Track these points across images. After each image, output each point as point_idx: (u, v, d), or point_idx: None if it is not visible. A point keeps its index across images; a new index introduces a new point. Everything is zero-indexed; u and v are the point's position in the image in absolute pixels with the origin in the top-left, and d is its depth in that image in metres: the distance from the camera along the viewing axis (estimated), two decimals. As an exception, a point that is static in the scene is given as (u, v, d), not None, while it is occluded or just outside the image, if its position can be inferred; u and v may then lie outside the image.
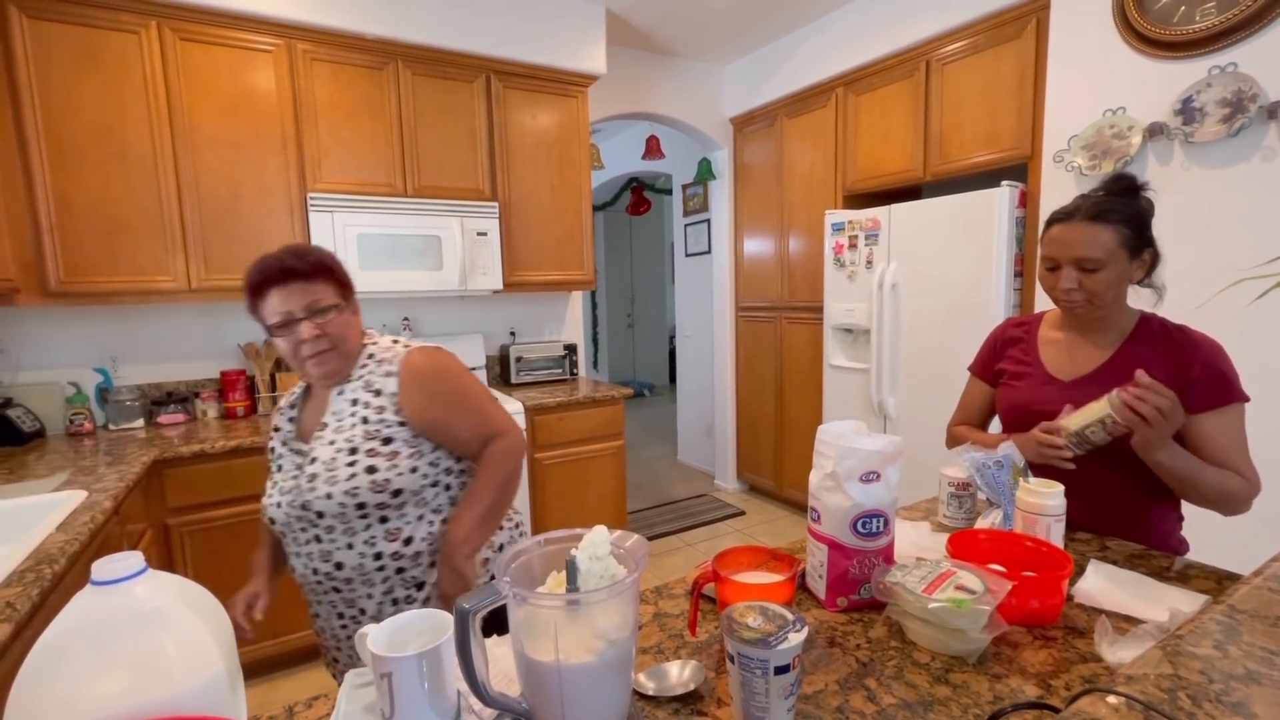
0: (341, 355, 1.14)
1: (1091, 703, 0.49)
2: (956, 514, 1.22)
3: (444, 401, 1.16)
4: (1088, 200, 1.13)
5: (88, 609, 0.59)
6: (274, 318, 1.08)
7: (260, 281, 1.09)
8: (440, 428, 1.15)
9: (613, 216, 7.19)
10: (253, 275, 1.10)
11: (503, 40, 2.68)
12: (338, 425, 1.13)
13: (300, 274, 1.09)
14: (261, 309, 1.10)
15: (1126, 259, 1.10)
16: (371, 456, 1.09)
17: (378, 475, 1.08)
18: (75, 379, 2.29)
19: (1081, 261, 1.11)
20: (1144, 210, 1.12)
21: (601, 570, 0.62)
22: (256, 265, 1.10)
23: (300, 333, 1.08)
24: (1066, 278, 1.13)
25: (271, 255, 1.11)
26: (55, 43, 1.97)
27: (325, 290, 1.12)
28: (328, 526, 1.09)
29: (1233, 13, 1.82)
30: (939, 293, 2.63)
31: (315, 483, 1.08)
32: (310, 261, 1.11)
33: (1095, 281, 1.10)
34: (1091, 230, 1.09)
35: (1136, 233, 1.10)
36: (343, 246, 2.38)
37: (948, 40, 2.66)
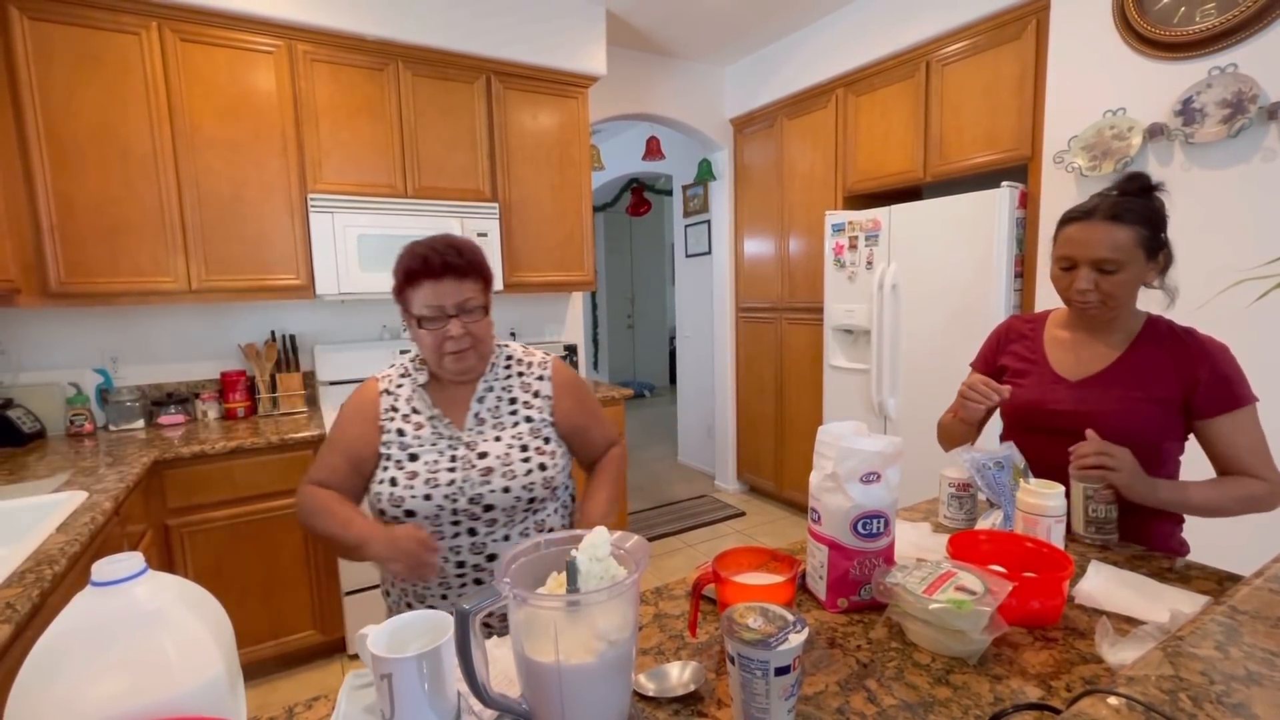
0: (479, 355, 1.16)
1: (1092, 704, 0.48)
2: (957, 515, 1.22)
3: (586, 409, 1.28)
4: (1106, 199, 1.11)
5: (88, 610, 0.59)
6: (423, 310, 1.08)
7: (416, 271, 1.08)
8: (581, 432, 1.26)
9: (613, 217, 7.19)
10: (409, 263, 1.09)
11: (503, 41, 2.68)
12: (497, 422, 1.18)
13: (457, 270, 1.09)
14: (410, 297, 1.10)
15: (1144, 260, 1.09)
16: (539, 454, 1.17)
17: (546, 472, 1.16)
18: (75, 380, 2.29)
19: (1101, 263, 1.09)
20: (1161, 210, 1.11)
21: (602, 571, 0.62)
22: (412, 253, 1.09)
23: (450, 329, 1.09)
24: (1083, 278, 1.11)
25: (428, 245, 1.09)
26: (56, 44, 1.97)
27: (476, 289, 1.12)
28: (490, 520, 1.13)
29: (1233, 14, 1.82)
30: (939, 294, 2.63)
31: (491, 477, 1.12)
32: (468, 259, 1.11)
33: (1112, 283, 1.09)
34: (1111, 230, 1.07)
35: (1154, 233, 1.09)
36: (343, 247, 2.38)
37: (948, 41, 2.66)
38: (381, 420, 1.17)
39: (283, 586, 2.18)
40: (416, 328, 1.11)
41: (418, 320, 1.10)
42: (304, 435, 2.16)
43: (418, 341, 1.13)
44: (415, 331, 1.12)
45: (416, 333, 1.11)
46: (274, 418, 2.46)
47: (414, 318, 1.10)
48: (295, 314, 2.69)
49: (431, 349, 1.12)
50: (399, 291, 1.12)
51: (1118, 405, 1.13)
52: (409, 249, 1.11)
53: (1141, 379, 1.13)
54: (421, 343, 1.12)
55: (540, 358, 1.27)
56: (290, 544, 2.17)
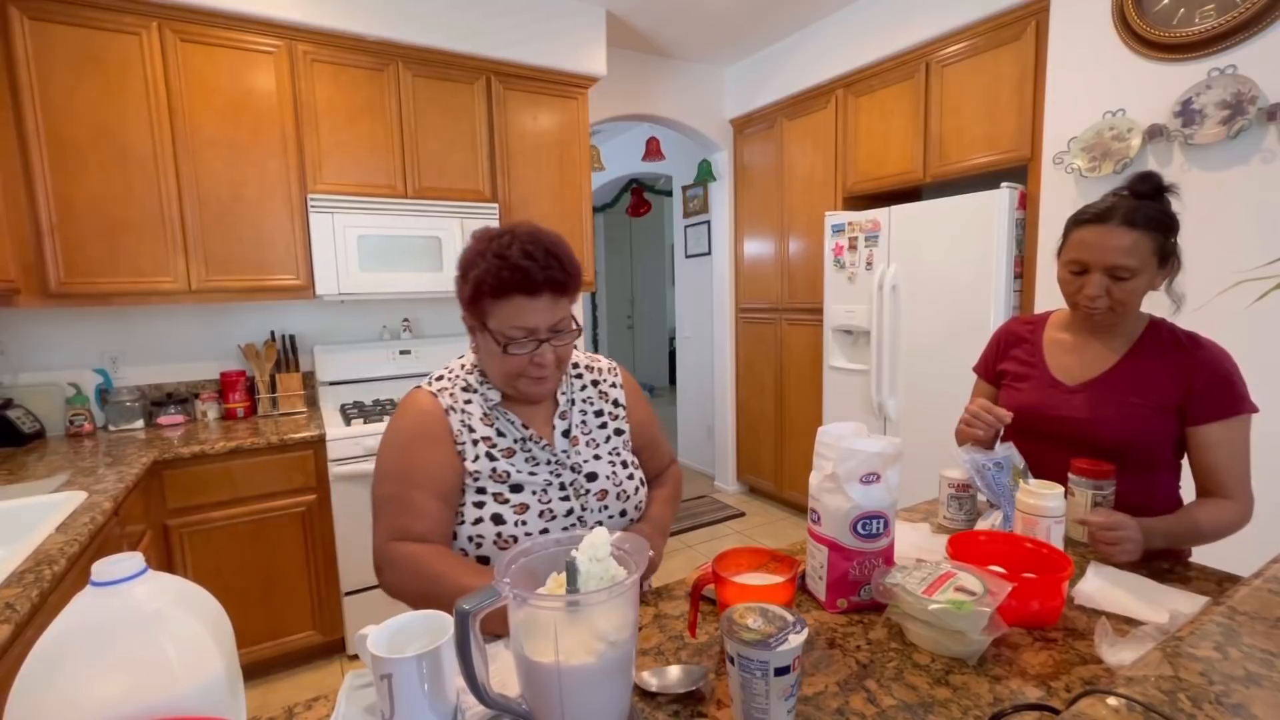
0: (559, 377, 1.00)
1: (1092, 704, 0.49)
2: (956, 515, 1.22)
3: (653, 420, 1.17)
4: (1122, 202, 1.07)
5: (87, 610, 0.59)
6: (511, 330, 0.90)
7: (509, 283, 0.87)
8: (650, 443, 1.15)
9: (613, 218, 7.19)
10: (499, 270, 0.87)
11: (503, 42, 2.68)
12: (590, 439, 1.04)
13: (559, 287, 0.90)
14: (489, 309, 0.90)
15: (1156, 267, 1.07)
16: (638, 469, 1.08)
17: (644, 489, 1.06)
18: (75, 380, 2.29)
19: (1115, 269, 1.05)
20: (1174, 215, 1.09)
21: (601, 572, 0.62)
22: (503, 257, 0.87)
23: (542, 356, 0.92)
24: (1095, 284, 1.07)
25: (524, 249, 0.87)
26: (56, 44, 1.97)
27: (569, 305, 0.94)
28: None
29: (1232, 15, 1.82)
30: (939, 294, 2.63)
31: (607, 500, 1.00)
32: (570, 270, 0.92)
33: (1124, 290, 1.06)
34: (1129, 236, 1.03)
35: (1168, 239, 1.07)
36: (343, 247, 2.38)
37: (947, 42, 2.66)
38: (458, 444, 0.96)
39: (282, 587, 2.17)
40: (495, 347, 0.91)
41: (498, 339, 0.91)
42: (304, 435, 2.16)
43: (490, 360, 0.95)
44: (489, 348, 0.93)
45: (492, 351, 0.93)
46: (274, 418, 2.46)
47: (491, 334, 0.91)
48: (295, 314, 2.69)
49: (512, 373, 0.94)
50: (475, 304, 0.90)
51: (1115, 411, 1.12)
52: (493, 248, 0.88)
53: (1140, 384, 1.11)
54: (499, 364, 0.94)
55: (607, 363, 1.14)
56: (290, 544, 2.17)
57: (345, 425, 2.26)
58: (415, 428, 0.96)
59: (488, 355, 0.96)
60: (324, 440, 2.18)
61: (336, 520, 2.21)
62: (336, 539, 2.22)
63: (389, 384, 2.77)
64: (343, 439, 2.20)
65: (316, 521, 2.20)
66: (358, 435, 2.22)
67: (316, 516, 2.20)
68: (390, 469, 0.95)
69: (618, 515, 1.02)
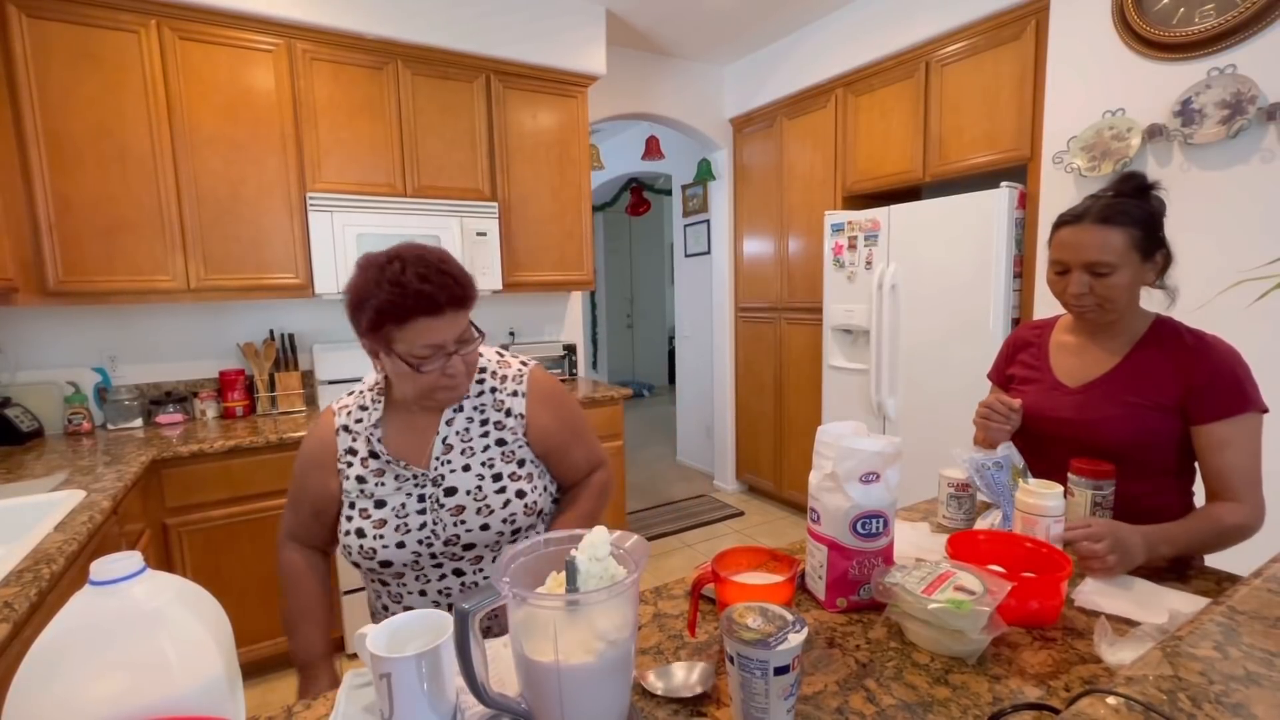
0: (470, 382, 1.04)
1: (1091, 704, 0.49)
2: (956, 515, 1.22)
3: (568, 425, 1.13)
4: (1098, 201, 1.09)
5: (86, 609, 0.59)
6: (421, 350, 0.92)
7: (410, 308, 0.90)
8: (558, 452, 1.12)
9: (612, 217, 7.19)
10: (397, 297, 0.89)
11: (503, 40, 2.68)
12: (466, 447, 1.05)
13: (458, 301, 0.94)
14: (394, 335, 0.92)
15: (1138, 262, 1.07)
16: (515, 480, 1.05)
17: (527, 498, 1.05)
18: (74, 378, 2.29)
19: (1092, 266, 1.07)
20: (1155, 210, 1.09)
21: (601, 571, 0.62)
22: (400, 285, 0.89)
23: (453, 367, 0.96)
24: (1076, 282, 1.09)
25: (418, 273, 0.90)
26: (54, 42, 1.96)
27: (468, 315, 0.98)
28: (476, 557, 1.04)
29: (1231, 14, 1.82)
30: (938, 294, 2.63)
31: (464, 515, 1.01)
32: (464, 284, 0.95)
33: (1106, 286, 1.07)
34: (1102, 233, 1.05)
35: (1148, 234, 1.06)
36: (342, 246, 2.38)
37: (947, 41, 2.66)
38: (340, 464, 1.05)
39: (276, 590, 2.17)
40: (407, 368, 0.94)
41: (409, 361, 0.93)
42: (302, 434, 2.15)
43: (402, 380, 0.98)
44: (399, 370, 0.95)
45: (403, 373, 0.95)
46: (272, 417, 2.45)
47: (400, 357, 0.93)
48: (294, 313, 2.68)
49: (426, 389, 0.97)
50: (374, 328, 0.91)
51: (1116, 411, 1.11)
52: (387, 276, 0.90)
53: (1142, 384, 1.10)
54: (411, 383, 0.97)
55: (516, 369, 1.12)
56: (289, 543, 2.16)
57: (344, 424, 2.26)
58: (311, 450, 1.08)
59: (398, 377, 0.98)
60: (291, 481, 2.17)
61: (336, 519, 2.21)
62: (335, 538, 2.22)
63: (388, 383, 2.76)
64: (342, 438, 2.19)
65: (315, 520, 2.20)
66: (357, 434, 2.22)
67: (315, 515, 2.20)
68: (293, 475, 1.11)
69: (478, 528, 1.02)
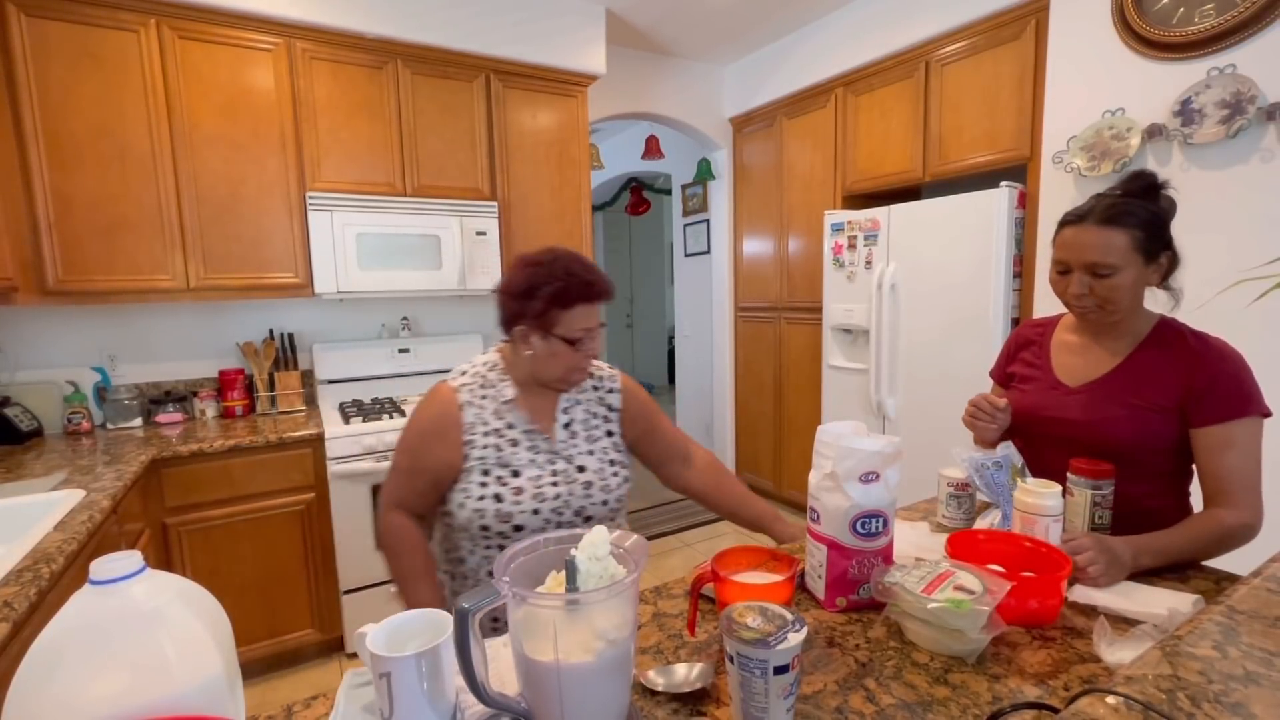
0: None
1: (1091, 703, 0.49)
2: (955, 514, 1.22)
3: (651, 410, 1.33)
4: (1102, 201, 1.08)
5: (86, 609, 0.59)
6: (576, 332, 1.10)
7: (576, 295, 1.09)
8: (651, 435, 1.32)
9: (612, 216, 7.18)
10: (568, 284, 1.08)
11: (503, 40, 2.68)
12: (587, 434, 1.22)
13: (607, 293, 1.13)
14: (558, 318, 1.09)
15: (1141, 263, 1.06)
16: (623, 469, 1.23)
17: (627, 485, 1.23)
18: (73, 378, 2.28)
19: (1094, 266, 1.06)
20: (1162, 211, 1.07)
21: (601, 570, 0.62)
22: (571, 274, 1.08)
23: (594, 349, 1.14)
24: (1077, 283, 1.08)
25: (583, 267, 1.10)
26: (54, 41, 1.96)
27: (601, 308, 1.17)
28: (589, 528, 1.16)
29: (1231, 14, 1.82)
30: (938, 293, 2.63)
31: (591, 490, 1.16)
32: (609, 280, 1.16)
33: (1107, 287, 1.06)
34: (1104, 234, 1.05)
35: (1152, 235, 1.05)
36: (342, 246, 2.38)
37: (947, 41, 2.66)
38: (466, 436, 1.15)
39: (281, 585, 2.17)
40: (564, 347, 1.10)
41: (567, 340, 1.10)
42: (302, 434, 2.16)
43: (551, 360, 1.12)
44: (553, 349, 1.11)
45: (556, 352, 1.11)
46: (272, 416, 2.45)
47: (558, 337, 1.10)
48: (294, 312, 2.68)
49: (569, 367, 1.13)
50: (544, 314, 1.09)
51: (1115, 412, 1.11)
52: (557, 269, 1.09)
53: (1142, 385, 1.10)
54: (559, 362, 1.12)
55: (609, 372, 1.30)
56: (288, 542, 2.16)
57: (344, 424, 2.26)
58: (433, 422, 1.15)
59: (549, 356, 1.13)
60: (322, 439, 2.18)
61: (335, 519, 2.21)
62: (335, 537, 2.22)
63: (388, 382, 2.77)
64: (341, 437, 2.20)
65: (315, 520, 2.20)
66: (356, 434, 2.22)
67: (315, 515, 2.20)
68: (407, 447, 1.17)
69: (599, 503, 1.18)
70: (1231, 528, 1.01)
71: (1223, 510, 1.02)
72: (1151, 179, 1.09)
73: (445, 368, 2.88)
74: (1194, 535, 1.01)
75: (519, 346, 1.15)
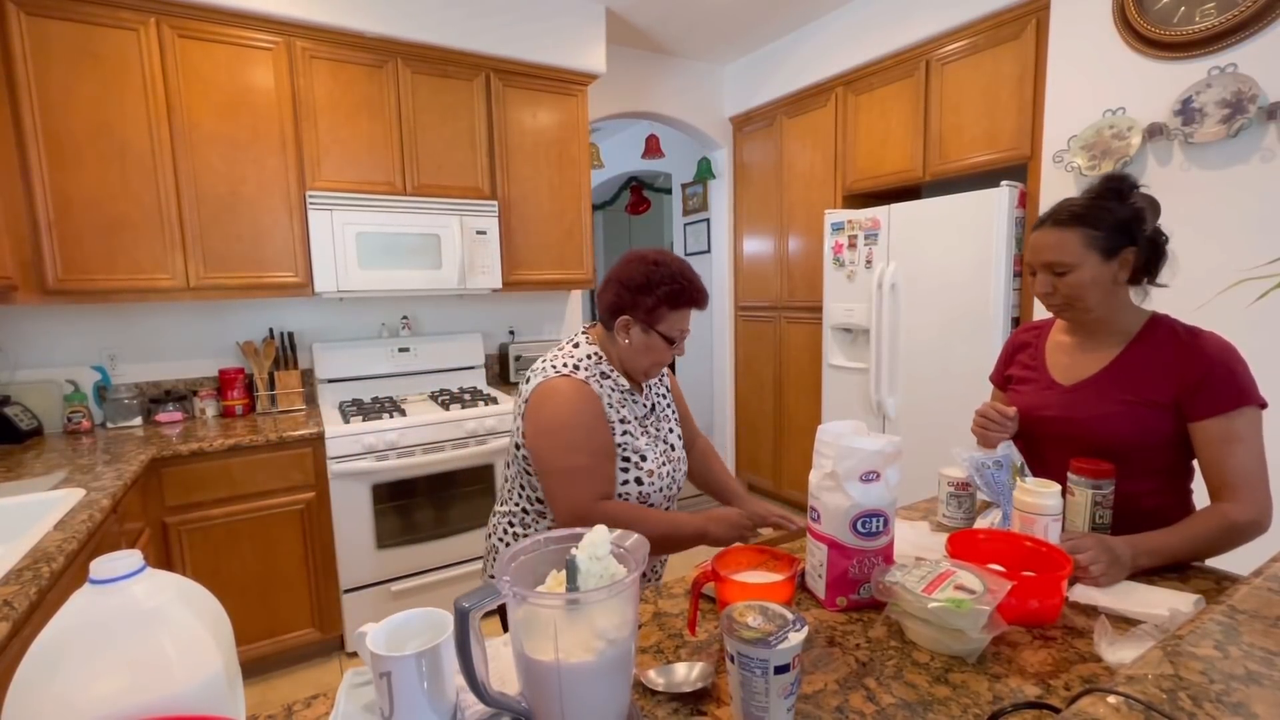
0: None
1: (1092, 703, 0.49)
2: (956, 514, 1.22)
3: (683, 404, 1.47)
4: (1063, 204, 1.14)
5: (86, 608, 0.59)
6: (675, 332, 1.20)
7: (688, 300, 1.19)
8: (686, 419, 1.45)
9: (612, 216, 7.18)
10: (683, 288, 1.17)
11: (503, 39, 2.68)
12: (665, 416, 1.34)
13: (706, 301, 1.23)
14: (665, 316, 1.18)
15: (1098, 260, 1.09)
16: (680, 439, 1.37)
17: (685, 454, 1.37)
18: (73, 377, 2.28)
19: (1052, 266, 1.12)
20: (1125, 211, 1.09)
21: (601, 570, 0.62)
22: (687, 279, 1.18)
23: (681, 350, 1.24)
24: (1040, 283, 1.16)
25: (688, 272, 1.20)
26: (54, 40, 1.96)
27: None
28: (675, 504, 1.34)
29: (1232, 14, 1.82)
30: (938, 293, 2.63)
31: (679, 467, 1.31)
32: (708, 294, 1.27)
33: (1067, 284, 1.11)
34: (1058, 234, 1.11)
35: (1108, 233, 1.08)
36: (342, 245, 2.38)
37: (947, 40, 2.66)
38: (609, 422, 1.20)
39: (281, 584, 2.17)
40: (663, 343, 1.20)
41: (666, 338, 1.19)
42: (302, 433, 2.15)
43: (646, 352, 1.21)
44: (651, 344, 1.20)
45: (654, 346, 1.20)
46: (272, 415, 2.45)
47: (660, 334, 1.19)
48: (294, 311, 2.68)
49: (657, 362, 1.23)
50: (654, 309, 1.17)
51: (1109, 409, 1.11)
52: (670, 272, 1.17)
53: (1133, 381, 1.11)
54: (652, 357, 1.21)
55: None
56: (288, 542, 2.17)
57: (344, 423, 2.26)
58: (589, 412, 1.18)
59: (644, 349, 1.21)
60: (323, 438, 2.18)
61: (335, 518, 2.21)
62: (335, 537, 2.22)
63: (388, 381, 2.77)
64: (341, 436, 2.20)
65: (315, 519, 2.20)
66: (356, 433, 2.22)
67: (315, 514, 2.20)
68: (581, 443, 1.16)
69: (682, 479, 1.31)
70: (1238, 523, 1.00)
71: (1228, 505, 1.02)
72: (1118, 183, 1.12)
73: (445, 367, 2.89)
74: (1197, 533, 1.01)
75: (616, 336, 1.22)
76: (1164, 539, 1.00)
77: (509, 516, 1.28)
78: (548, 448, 1.15)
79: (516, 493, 1.27)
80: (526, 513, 1.26)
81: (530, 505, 1.25)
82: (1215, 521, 1.01)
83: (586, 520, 1.11)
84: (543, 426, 1.16)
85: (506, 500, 1.30)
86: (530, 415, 1.18)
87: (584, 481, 1.15)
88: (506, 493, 1.31)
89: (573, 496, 1.14)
